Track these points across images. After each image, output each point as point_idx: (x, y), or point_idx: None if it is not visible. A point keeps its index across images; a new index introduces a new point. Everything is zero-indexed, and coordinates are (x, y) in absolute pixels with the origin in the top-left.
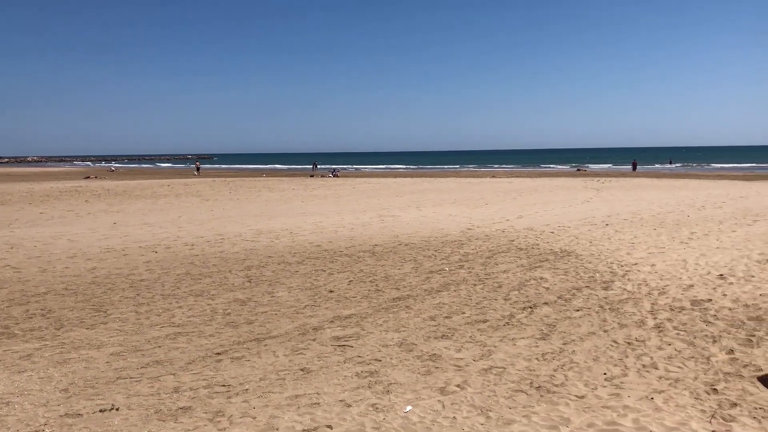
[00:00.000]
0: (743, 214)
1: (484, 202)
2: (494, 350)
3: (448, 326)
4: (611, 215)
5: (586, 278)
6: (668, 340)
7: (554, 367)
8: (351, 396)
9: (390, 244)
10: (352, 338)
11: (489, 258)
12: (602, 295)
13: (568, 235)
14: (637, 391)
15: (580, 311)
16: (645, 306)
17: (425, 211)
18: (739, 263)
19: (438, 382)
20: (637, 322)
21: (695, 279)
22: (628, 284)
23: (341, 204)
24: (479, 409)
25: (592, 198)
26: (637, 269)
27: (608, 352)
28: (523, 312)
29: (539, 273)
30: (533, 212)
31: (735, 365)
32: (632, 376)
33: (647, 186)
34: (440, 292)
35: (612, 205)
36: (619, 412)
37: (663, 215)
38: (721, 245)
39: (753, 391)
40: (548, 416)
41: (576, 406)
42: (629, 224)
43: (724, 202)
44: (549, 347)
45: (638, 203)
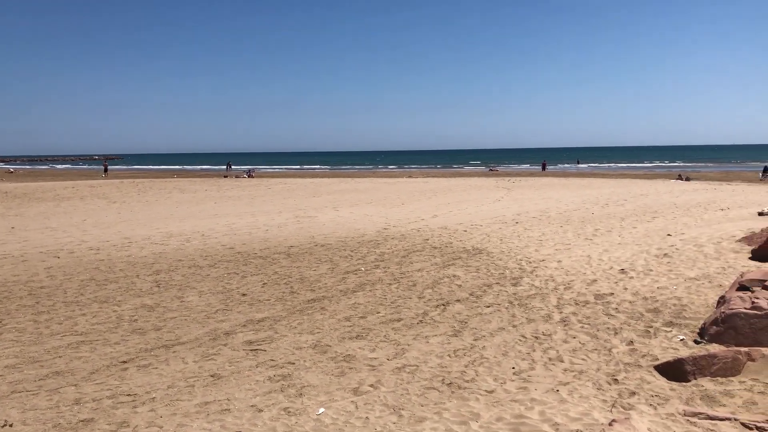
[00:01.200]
0: (643, 211)
1: (401, 202)
2: (408, 348)
3: (362, 326)
4: (521, 213)
5: (496, 275)
6: (573, 334)
7: (465, 363)
8: (263, 401)
9: (306, 245)
10: (265, 342)
11: (404, 257)
12: (512, 291)
13: (480, 233)
14: (544, 384)
15: (490, 307)
16: (552, 301)
17: (342, 212)
18: (639, 258)
19: (351, 383)
20: (544, 316)
21: (599, 274)
22: (536, 280)
23: (256, 205)
24: (392, 408)
25: (504, 197)
26: (545, 265)
27: (517, 346)
28: (437, 309)
29: (452, 271)
30: (447, 211)
31: (634, 356)
32: (539, 369)
33: (555, 185)
34: (356, 293)
35: (522, 204)
36: (526, 405)
37: (569, 213)
38: (623, 241)
39: (650, 380)
40: (459, 412)
41: (486, 400)
42: (538, 222)
43: (626, 200)
44: (461, 344)
45: (546, 202)
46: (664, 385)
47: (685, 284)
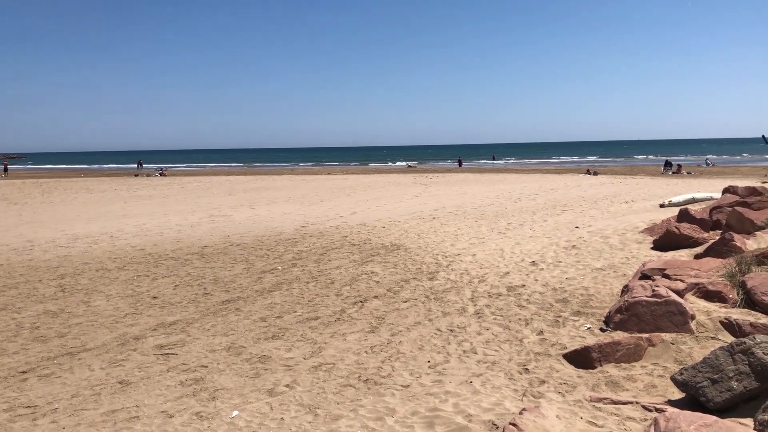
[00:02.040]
0: (553, 205)
1: (319, 199)
2: (325, 347)
3: (279, 326)
4: (438, 209)
5: (413, 270)
6: (486, 325)
7: (382, 358)
8: (174, 406)
9: (220, 245)
10: (176, 345)
11: (322, 255)
12: (428, 285)
13: (398, 229)
14: (458, 376)
15: (407, 302)
16: (466, 294)
17: (258, 210)
18: (549, 250)
19: (267, 384)
20: (459, 309)
21: (511, 266)
22: (451, 274)
23: (168, 204)
24: (307, 408)
25: (422, 193)
26: (460, 259)
27: (432, 340)
28: (354, 306)
29: (370, 267)
30: (366, 208)
31: (544, 345)
32: (454, 362)
33: (471, 181)
34: (272, 292)
35: (439, 200)
36: (441, 398)
37: (484, 208)
38: (534, 234)
39: (559, 368)
40: (375, 408)
41: (401, 395)
42: (454, 217)
43: (537, 194)
44: (378, 339)
45: (462, 197)
46: (572, 373)
47: (592, 275)
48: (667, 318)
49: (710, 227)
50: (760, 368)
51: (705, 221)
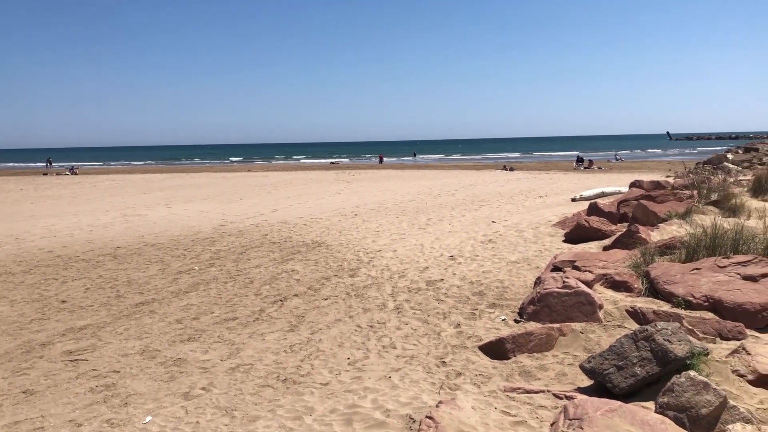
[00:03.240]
0: (472, 200)
1: (239, 196)
2: (243, 347)
3: (195, 328)
4: (360, 206)
5: (335, 267)
6: (406, 320)
7: (301, 357)
8: (83, 414)
9: (135, 246)
10: (87, 351)
11: (242, 254)
12: (349, 282)
13: (319, 226)
14: (377, 372)
15: (328, 300)
16: (387, 289)
17: (175, 209)
18: (467, 244)
19: (182, 388)
20: (379, 305)
21: (430, 261)
22: (372, 270)
23: (79, 204)
24: (224, 410)
25: (344, 190)
26: (381, 255)
27: (352, 337)
28: (274, 306)
29: (291, 265)
30: (287, 205)
31: (461, 338)
32: (373, 357)
33: (393, 177)
34: (188, 293)
35: (361, 196)
36: (360, 394)
37: (405, 204)
38: (453, 229)
39: (475, 360)
40: (293, 407)
41: (320, 393)
42: (375, 213)
43: (456, 190)
44: (297, 338)
45: (384, 193)
46: (487, 364)
47: (507, 267)
48: (576, 308)
49: (618, 220)
50: (660, 354)
51: (613, 214)
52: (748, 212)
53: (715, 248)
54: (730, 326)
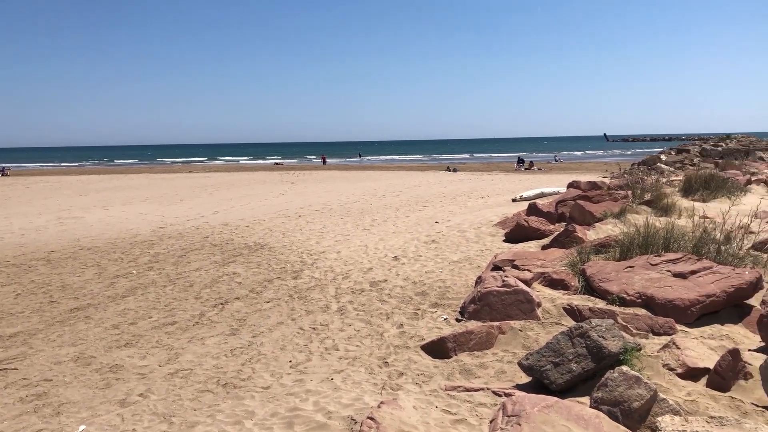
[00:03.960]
0: (416, 201)
1: (179, 198)
2: (182, 352)
3: (132, 333)
4: (304, 207)
5: (277, 269)
6: (349, 322)
7: (242, 361)
8: (11, 425)
9: (69, 250)
10: (16, 359)
11: (181, 257)
12: (292, 284)
13: (262, 228)
14: (319, 374)
15: (270, 302)
16: (330, 291)
17: (113, 211)
18: (410, 245)
19: (118, 395)
20: (323, 307)
21: (374, 262)
22: (316, 272)
23: (10, 207)
24: (162, 416)
25: (288, 191)
26: (325, 257)
27: (295, 339)
28: (215, 309)
29: (232, 268)
30: (229, 207)
31: (403, 338)
32: (315, 360)
33: (338, 178)
34: (126, 298)
35: (305, 198)
36: (302, 397)
37: (350, 205)
38: (397, 230)
39: (417, 360)
40: (233, 412)
41: (261, 397)
42: (320, 215)
43: (401, 191)
44: (238, 342)
45: (329, 194)
46: (429, 363)
47: (450, 267)
48: (516, 306)
49: (556, 219)
50: (595, 350)
51: (551, 214)
52: (679, 211)
53: (647, 247)
54: (662, 322)
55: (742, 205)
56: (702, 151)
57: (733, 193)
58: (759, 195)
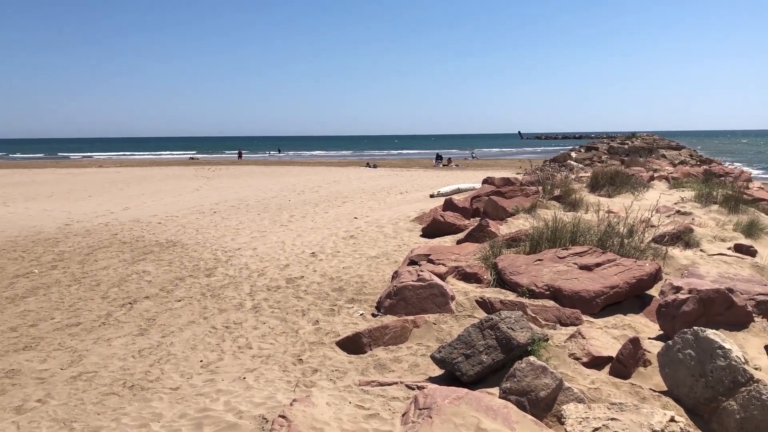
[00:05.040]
0: (335, 197)
1: (88, 194)
2: (86, 354)
3: (32, 335)
4: (220, 203)
5: (190, 267)
6: (264, 319)
7: (151, 362)
8: None
9: None
10: None
11: (88, 255)
12: (205, 282)
13: (175, 224)
14: (231, 374)
15: (181, 301)
16: (245, 289)
17: (14, 207)
18: (329, 241)
19: (14, 401)
20: (237, 305)
21: (291, 258)
22: (230, 269)
23: None
24: (62, 422)
25: (203, 186)
26: (240, 254)
27: (206, 338)
28: (122, 309)
29: (142, 266)
30: (141, 203)
31: (319, 334)
32: (228, 359)
33: (256, 173)
34: (26, 298)
35: (221, 193)
36: (212, 397)
37: (267, 200)
38: (315, 226)
39: (332, 356)
40: (139, 415)
41: (170, 398)
42: (236, 210)
43: (320, 186)
44: (147, 342)
45: (246, 190)
46: (344, 359)
47: (367, 263)
48: (430, 300)
49: (471, 215)
50: (505, 341)
51: (466, 209)
52: (586, 206)
53: (555, 240)
54: (569, 313)
55: (645, 200)
56: (610, 149)
57: (636, 189)
58: (660, 191)
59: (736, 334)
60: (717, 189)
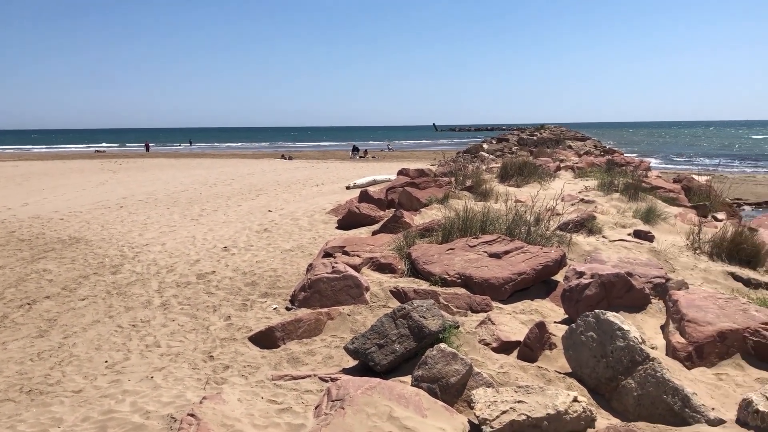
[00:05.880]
0: (249, 190)
1: None
2: None
3: None
4: (127, 197)
5: (95, 264)
6: (173, 317)
7: (51, 364)
8: None
9: None
10: None
11: None
12: (111, 280)
13: (79, 220)
14: (138, 373)
15: (85, 300)
16: (153, 285)
17: None
18: (242, 234)
19: None
20: (144, 302)
21: (202, 253)
22: (138, 266)
23: None
24: None
25: (109, 180)
26: (148, 249)
27: (112, 338)
28: (20, 310)
29: (43, 264)
30: (41, 198)
31: (230, 330)
32: (134, 358)
33: (165, 166)
34: None
35: (128, 187)
36: (117, 398)
37: (177, 194)
38: (228, 219)
39: (244, 351)
40: (38, 421)
41: (71, 402)
42: (144, 205)
43: (233, 179)
44: (47, 344)
45: (155, 183)
46: (256, 354)
47: (281, 256)
48: (345, 292)
49: (386, 206)
50: (417, 330)
51: (382, 201)
52: (496, 196)
53: (466, 230)
54: (479, 300)
55: (551, 190)
56: (519, 141)
57: (543, 179)
58: (565, 180)
59: (635, 315)
60: (618, 178)
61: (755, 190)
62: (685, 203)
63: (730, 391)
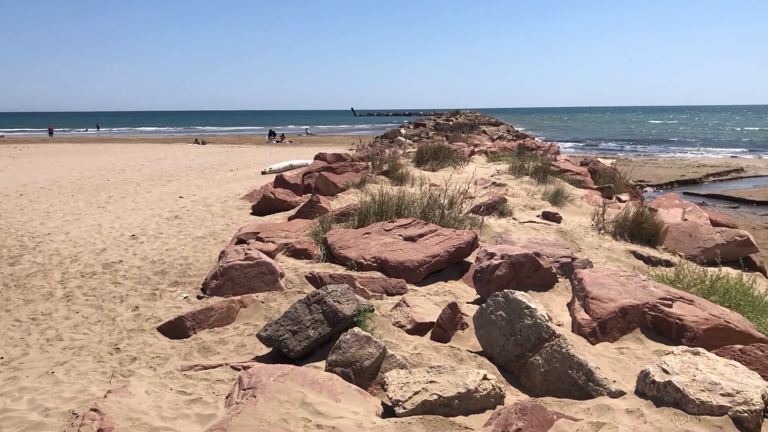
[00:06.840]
0: (159, 176)
1: None
2: None
3: None
4: (27, 184)
5: None
6: (77, 308)
7: None
8: None
9: None
10: None
11: None
12: (8, 271)
13: None
14: (38, 369)
15: None
16: (55, 276)
17: None
18: (151, 222)
19: None
20: (45, 294)
21: (109, 242)
22: (39, 256)
23: None
24: None
25: (7, 167)
26: (50, 239)
27: (9, 333)
28: None
29: None
30: None
31: (138, 321)
32: (34, 353)
33: (71, 151)
34: None
35: (29, 174)
36: (14, 396)
37: (83, 181)
38: (137, 206)
39: (152, 342)
40: None
41: None
42: (46, 192)
43: (143, 164)
44: None
45: (59, 170)
46: (165, 345)
47: (193, 243)
48: (259, 278)
49: (303, 191)
50: (331, 314)
51: (298, 186)
52: (412, 180)
53: (382, 214)
54: (395, 283)
55: (465, 174)
56: (436, 126)
57: (457, 163)
58: (479, 164)
59: (543, 294)
60: (529, 162)
61: (656, 172)
62: (591, 185)
63: (631, 364)
